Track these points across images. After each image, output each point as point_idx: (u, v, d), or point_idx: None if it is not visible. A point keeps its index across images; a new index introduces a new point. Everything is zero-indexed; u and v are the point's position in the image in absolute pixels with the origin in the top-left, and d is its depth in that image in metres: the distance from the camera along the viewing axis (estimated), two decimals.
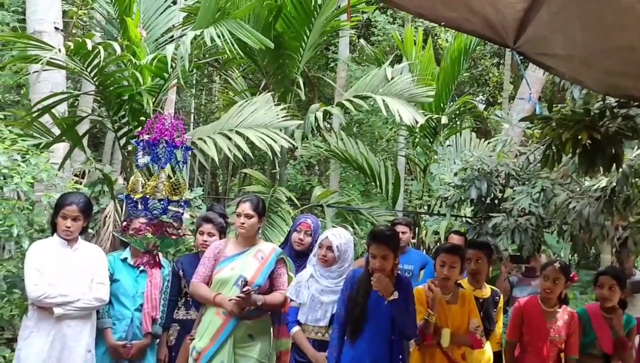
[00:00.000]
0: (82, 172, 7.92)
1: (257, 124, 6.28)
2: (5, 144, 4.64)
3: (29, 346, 3.91)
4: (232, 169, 16.97)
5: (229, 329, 3.86)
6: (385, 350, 3.73)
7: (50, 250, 4.04)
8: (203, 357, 3.83)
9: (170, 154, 3.27)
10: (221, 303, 3.86)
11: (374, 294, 3.75)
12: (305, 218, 4.66)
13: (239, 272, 3.94)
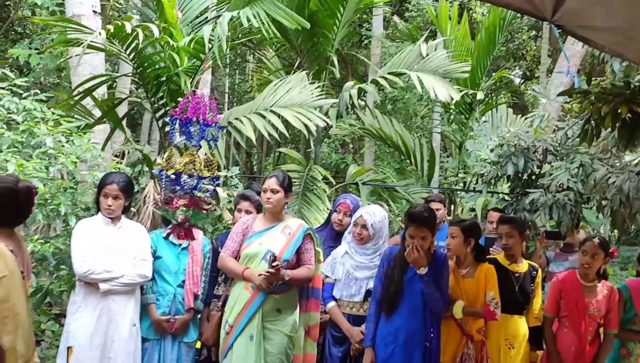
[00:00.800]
0: (122, 153, 8.09)
1: (292, 103, 6.31)
2: (50, 126, 4.79)
3: (77, 320, 4.06)
4: (267, 148, 17.10)
5: (257, 303, 3.95)
6: (420, 325, 3.79)
7: (95, 228, 4.17)
8: (235, 330, 3.94)
9: (203, 132, 3.35)
10: (250, 277, 3.95)
11: (411, 271, 3.79)
12: (345, 199, 4.70)
13: (266, 247, 4.01)
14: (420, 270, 3.72)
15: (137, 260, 4.21)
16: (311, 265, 4.12)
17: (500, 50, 11.93)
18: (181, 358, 4.31)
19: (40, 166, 4.42)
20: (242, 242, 4.10)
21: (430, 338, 3.77)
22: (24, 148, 4.63)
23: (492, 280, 4.06)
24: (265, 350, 3.93)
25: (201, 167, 3.33)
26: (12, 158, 4.28)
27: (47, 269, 4.78)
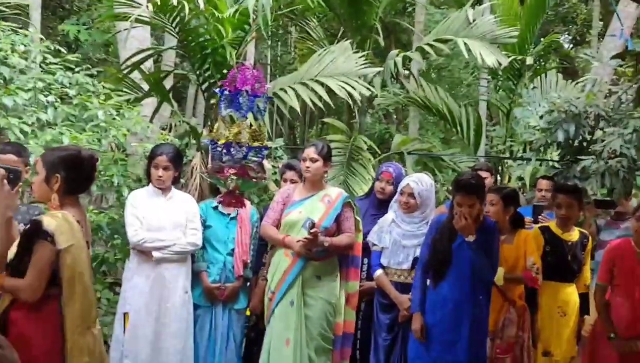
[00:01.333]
0: (169, 126, 8.22)
1: (336, 72, 6.28)
2: (101, 100, 4.90)
3: (132, 288, 4.20)
4: (310, 120, 17.09)
5: (297, 270, 4.03)
6: (468, 293, 3.78)
7: (147, 199, 4.28)
8: (276, 296, 4.04)
9: (252, 103, 3.37)
10: (289, 244, 4.02)
11: (459, 238, 3.78)
12: (387, 167, 4.69)
13: (306, 215, 4.06)
14: (468, 238, 3.70)
15: (188, 229, 4.32)
16: (351, 233, 4.15)
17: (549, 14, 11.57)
18: (232, 325, 4.42)
19: (93, 139, 4.53)
20: (283, 210, 4.18)
21: (479, 305, 3.76)
22: (77, 121, 4.75)
23: (531, 245, 4.05)
24: (306, 316, 4.00)
25: (250, 137, 3.37)
26: (67, 131, 4.40)
27: (102, 239, 4.92)
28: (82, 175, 2.86)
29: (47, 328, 2.69)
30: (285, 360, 3.95)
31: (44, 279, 2.65)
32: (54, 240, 2.64)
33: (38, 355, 2.63)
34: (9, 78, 4.62)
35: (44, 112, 4.53)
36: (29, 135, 4.32)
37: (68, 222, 2.73)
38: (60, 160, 2.78)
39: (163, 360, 4.19)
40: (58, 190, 2.76)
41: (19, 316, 2.67)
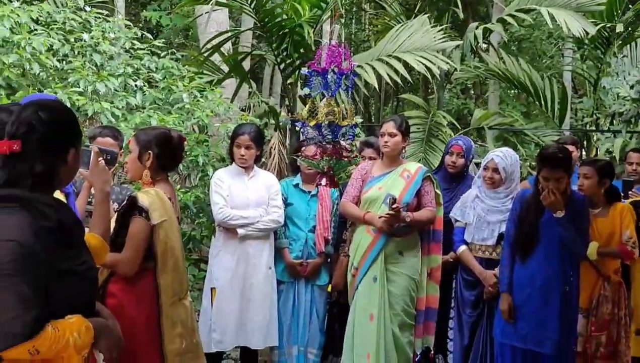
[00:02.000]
0: (248, 107, 8.38)
1: (414, 47, 6.21)
2: (185, 82, 5.05)
3: (218, 263, 4.34)
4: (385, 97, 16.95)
5: (379, 246, 4.01)
6: (558, 269, 3.67)
7: (230, 178, 4.39)
8: (359, 273, 4.04)
9: (339, 81, 3.37)
10: (371, 220, 4.01)
11: (547, 214, 3.67)
12: (457, 141, 4.63)
13: (386, 191, 4.03)
14: (557, 214, 3.59)
15: (270, 206, 4.41)
16: (432, 208, 4.12)
17: None
18: (315, 300, 4.50)
19: (178, 120, 4.68)
20: (362, 187, 4.17)
21: (569, 282, 3.65)
22: (163, 104, 4.93)
23: (627, 218, 3.88)
24: (389, 292, 4.01)
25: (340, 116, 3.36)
26: (154, 114, 4.57)
27: (188, 217, 5.10)
28: (172, 154, 3.00)
29: (143, 300, 2.82)
30: (370, 335, 3.97)
31: (140, 253, 2.80)
32: (148, 216, 2.78)
33: (134, 326, 2.76)
34: (99, 64, 4.83)
35: (133, 96, 4.72)
36: (120, 119, 4.52)
37: (160, 198, 2.86)
38: (152, 139, 2.93)
39: (249, 334, 4.31)
40: (150, 167, 2.91)
41: (117, 288, 2.82)
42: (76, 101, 4.30)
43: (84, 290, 1.90)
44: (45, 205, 1.83)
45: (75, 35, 4.89)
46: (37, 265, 1.74)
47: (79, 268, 1.88)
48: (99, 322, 1.96)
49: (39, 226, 1.77)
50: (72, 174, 1.99)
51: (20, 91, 4.32)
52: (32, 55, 4.43)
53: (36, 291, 1.73)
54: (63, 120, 1.92)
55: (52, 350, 1.76)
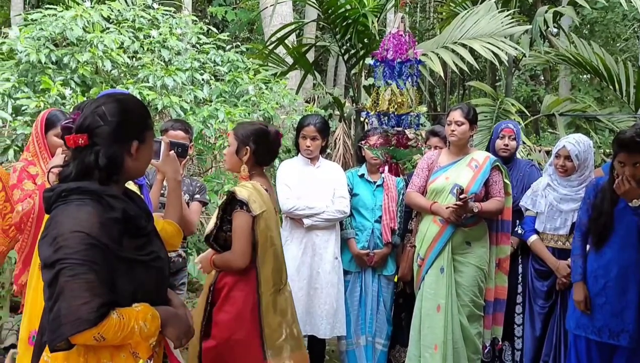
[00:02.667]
0: (312, 98, 8.43)
1: (480, 34, 6.08)
2: (250, 75, 5.12)
3: (285, 252, 4.36)
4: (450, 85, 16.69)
5: (446, 236, 3.98)
6: (635, 258, 3.51)
7: (297, 168, 4.42)
8: (426, 263, 4.03)
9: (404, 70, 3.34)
10: (437, 211, 3.98)
11: (621, 202, 3.52)
12: (507, 124, 4.55)
13: (453, 181, 3.98)
14: (632, 203, 3.44)
15: (336, 197, 4.41)
16: (501, 198, 4.05)
17: None
18: (381, 290, 4.48)
19: (245, 113, 4.76)
20: (428, 177, 4.13)
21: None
22: (229, 97, 5.01)
23: None
24: (457, 282, 3.98)
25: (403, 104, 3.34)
26: (221, 106, 4.65)
27: None
28: (269, 148, 3.07)
29: (249, 289, 2.92)
30: (437, 325, 3.95)
31: (248, 244, 2.90)
32: (248, 208, 2.87)
33: (241, 316, 2.90)
34: (168, 60, 4.96)
35: (200, 89, 4.82)
36: (188, 112, 4.62)
37: (258, 191, 2.94)
38: (250, 134, 3.01)
39: (316, 323, 4.33)
40: (247, 161, 2.99)
41: (228, 280, 2.95)
42: (146, 96, 4.43)
43: (149, 280, 1.95)
44: (111, 197, 1.89)
45: (144, 32, 5.04)
46: (103, 254, 1.80)
47: (145, 258, 1.93)
48: (167, 310, 2.00)
49: (105, 217, 1.84)
50: (141, 165, 2.03)
51: (94, 88, 4.49)
52: (104, 52, 4.59)
53: (102, 279, 1.79)
54: (124, 113, 1.95)
55: (117, 336, 1.82)
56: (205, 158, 5.60)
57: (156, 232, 2.12)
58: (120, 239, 1.86)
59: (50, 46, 4.69)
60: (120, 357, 1.88)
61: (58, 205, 1.86)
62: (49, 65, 4.58)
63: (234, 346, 2.90)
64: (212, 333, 2.95)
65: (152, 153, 2.08)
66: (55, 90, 4.27)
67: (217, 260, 2.98)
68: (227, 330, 2.91)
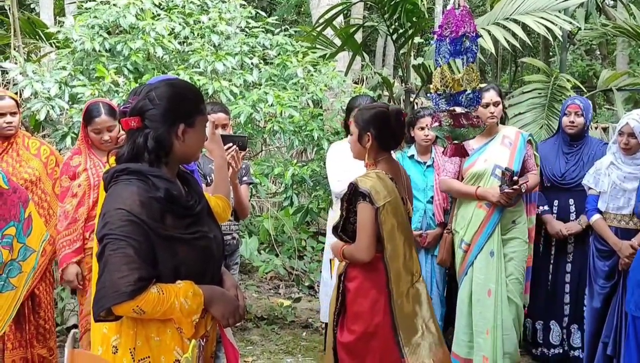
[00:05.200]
0: (360, 79, 8.37)
1: (533, 8, 5.89)
2: (299, 57, 5.11)
3: None
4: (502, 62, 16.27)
5: (495, 220, 3.95)
6: None
7: (346, 151, 4.38)
8: (474, 248, 3.98)
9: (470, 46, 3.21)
10: (484, 195, 3.93)
11: None
12: (573, 100, 4.46)
13: (492, 162, 3.96)
14: None
15: None
16: (536, 171, 4.10)
17: None
18: (434, 272, 4.44)
19: (294, 96, 4.76)
20: (461, 161, 4.06)
21: None
22: (278, 80, 5.02)
23: None
24: (509, 260, 3.98)
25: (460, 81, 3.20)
26: (270, 90, 4.67)
27: (305, 190, 5.20)
28: (392, 132, 2.95)
29: (380, 283, 2.85)
30: (488, 310, 3.95)
31: (372, 238, 2.82)
32: (371, 200, 2.79)
33: (375, 308, 2.84)
34: (217, 44, 4.99)
35: (250, 73, 4.85)
36: (238, 96, 4.66)
37: (382, 180, 2.85)
38: (370, 119, 2.91)
39: None
40: (371, 148, 2.91)
41: (358, 272, 2.91)
42: (197, 81, 4.48)
43: (193, 258, 1.98)
44: (157, 177, 1.95)
45: (194, 17, 5.08)
46: (143, 231, 1.86)
47: (188, 236, 1.98)
48: (213, 289, 2.03)
49: (147, 196, 1.90)
50: (191, 149, 2.05)
51: (146, 74, 4.57)
52: (156, 39, 4.65)
53: (141, 254, 1.85)
54: (173, 97, 2.00)
55: (156, 310, 1.87)
56: (256, 141, 5.64)
57: (209, 212, 2.16)
58: (162, 217, 1.92)
59: (104, 34, 4.79)
60: (166, 332, 1.95)
61: (111, 185, 1.96)
62: (102, 53, 4.68)
63: (369, 340, 2.83)
64: (347, 325, 2.91)
65: (202, 138, 2.10)
66: (109, 78, 4.36)
67: (346, 251, 2.92)
68: (362, 323, 2.85)
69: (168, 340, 1.95)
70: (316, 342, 4.87)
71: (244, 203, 3.81)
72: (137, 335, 1.94)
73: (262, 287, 6.34)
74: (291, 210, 5.50)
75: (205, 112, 2.11)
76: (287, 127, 4.69)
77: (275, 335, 5.05)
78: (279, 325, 5.25)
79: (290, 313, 5.44)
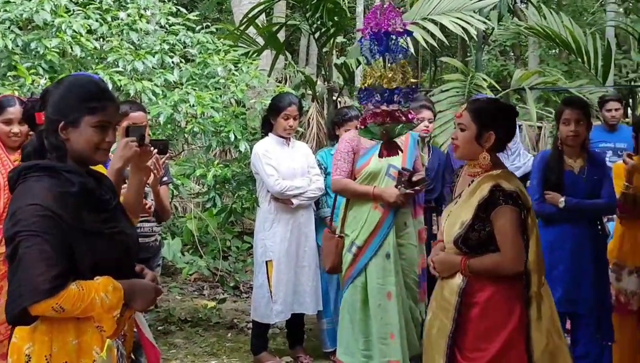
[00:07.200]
0: (283, 78, 8.37)
1: (449, 8, 6.10)
2: (220, 56, 5.05)
3: (273, 235, 4.37)
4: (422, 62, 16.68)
5: (390, 221, 3.82)
6: (587, 228, 3.63)
7: (273, 149, 4.41)
8: (366, 251, 3.81)
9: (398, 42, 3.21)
10: (381, 196, 3.78)
11: (567, 173, 3.60)
12: (476, 98, 4.60)
13: (386, 161, 3.77)
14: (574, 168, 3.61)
15: (312, 175, 4.45)
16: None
17: None
18: None
19: (215, 96, 4.69)
20: (354, 160, 3.92)
21: (599, 238, 3.66)
22: (200, 79, 4.94)
23: None
24: (402, 266, 3.86)
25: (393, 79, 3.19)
26: (192, 90, 4.59)
27: (229, 191, 5.13)
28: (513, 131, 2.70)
29: (512, 292, 2.53)
30: (391, 314, 3.76)
31: (522, 244, 2.53)
32: (518, 202, 2.52)
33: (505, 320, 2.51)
34: (137, 42, 4.86)
35: (171, 73, 4.75)
36: (159, 96, 4.56)
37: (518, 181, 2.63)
38: (495, 115, 2.65)
39: (301, 300, 4.42)
40: (490, 148, 2.62)
41: (482, 285, 2.54)
42: (118, 81, 4.35)
43: (112, 253, 1.95)
44: (69, 172, 1.91)
45: (111, 13, 4.92)
46: (58, 226, 1.82)
47: (107, 231, 1.94)
48: (131, 282, 2.00)
49: (60, 191, 1.86)
50: (79, 148, 1.96)
51: (62, 74, 4.39)
52: (73, 37, 4.48)
53: (58, 250, 1.81)
54: (60, 95, 1.96)
55: (76, 307, 1.83)
56: (177, 142, 5.54)
57: (123, 211, 2.13)
58: (78, 212, 1.87)
59: (16, 30, 4.56)
60: (86, 333, 1.90)
61: (19, 183, 1.90)
62: (15, 50, 4.47)
63: (502, 358, 2.50)
64: (475, 345, 2.53)
65: (93, 139, 1.97)
66: (29, 79, 4.14)
67: (477, 265, 2.53)
68: (496, 339, 2.49)
69: (87, 341, 1.89)
70: (242, 342, 4.85)
71: (165, 205, 3.75)
72: (53, 341, 1.86)
73: (185, 289, 6.25)
74: (215, 211, 5.44)
75: (103, 113, 1.98)
76: (208, 128, 4.63)
77: (199, 337, 4.98)
78: (203, 327, 5.19)
79: (215, 314, 5.39)
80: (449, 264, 2.62)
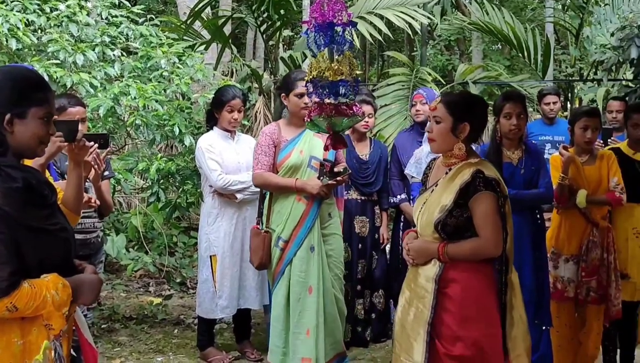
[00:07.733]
0: (230, 72, 8.30)
1: (394, 3, 6.18)
2: (164, 49, 4.97)
3: (217, 230, 4.32)
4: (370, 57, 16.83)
5: (314, 213, 3.82)
6: (526, 217, 3.72)
7: (218, 143, 4.36)
8: (292, 244, 3.81)
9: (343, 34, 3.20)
10: (304, 188, 3.77)
11: (506, 165, 3.70)
12: (418, 91, 4.80)
13: (308, 154, 3.84)
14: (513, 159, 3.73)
15: None
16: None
17: None
18: None
19: (158, 89, 4.61)
20: (275, 153, 3.90)
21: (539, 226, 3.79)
22: (142, 72, 4.84)
23: (614, 165, 3.91)
24: (328, 256, 3.87)
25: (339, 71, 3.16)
26: (133, 83, 4.50)
27: (173, 185, 5.06)
28: (485, 122, 2.81)
29: (487, 277, 2.58)
30: (309, 309, 3.75)
31: (500, 229, 2.57)
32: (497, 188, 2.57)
33: (486, 306, 2.56)
34: (77, 35, 4.73)
35: (111, 66, 4.65)
36: (98, 89, 4.45)
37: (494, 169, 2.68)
38: (469, 107, 2.69)
39: (247, 295, 4.39)
40: (465, 139, 2.66)
41: (458, 273, 2.57)
42: (54, 73, 4.23)
43: (57, 250, 1.93)
44: (10, 168, 1.84)
45: (50, 4, 4.77)
46: (7, 223, 1.77)
47: (51, 227, 1.91)
48: (77, 279, 1.99)
49: (6, 187, 1.80)
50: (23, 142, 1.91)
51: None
52: (10, 30, 4.33)
53: (10, 248, 1.78)
54: (10, 84, 1.88)
55: (29, 306, 1.81)
56: (119, 136, 5.43)
57: (59, 207, 2.08)
58: (23, 208, 1.82)
59: None
60: (31, 332, 1.86)
61: None
62: None
63: (483, 345, 2.52)
64: (455, 334, 2.53)
65: (38, 131, 1.93)
66: None
67: (455, 251, 2.56)
68: (476, 327, 2.53)
69: (33, 340, 1.86)
70: (188, 338, 4.80)
71: (107, 200, 3.67)
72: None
73: (130, 286, 6.13)
74: (159, 206, 5.35)
75: (48, 104, 1.95)
76: (151, 121, 4.55)
77: (145, 334, 4.90)
78: (149, 324, 5.10)
79: (161, 311, 5.31)
80: (425, 251, 2.63)
